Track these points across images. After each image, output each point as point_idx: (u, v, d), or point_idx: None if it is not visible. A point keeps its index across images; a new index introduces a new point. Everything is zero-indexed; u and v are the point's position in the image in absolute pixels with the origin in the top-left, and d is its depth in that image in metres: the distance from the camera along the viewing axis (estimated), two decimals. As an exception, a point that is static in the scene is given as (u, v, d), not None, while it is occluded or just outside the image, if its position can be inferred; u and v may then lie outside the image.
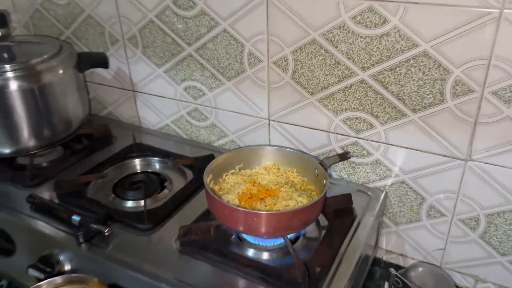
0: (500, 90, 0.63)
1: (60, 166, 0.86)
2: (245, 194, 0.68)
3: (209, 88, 0.89)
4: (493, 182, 0.70)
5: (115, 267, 0.63)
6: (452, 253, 0.80)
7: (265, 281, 0.60)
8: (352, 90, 0.74)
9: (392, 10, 0.65)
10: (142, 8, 0.87)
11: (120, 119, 1.06)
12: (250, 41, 0.79)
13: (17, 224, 0.72)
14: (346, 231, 0.70)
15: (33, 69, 0.81)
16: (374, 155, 0.78)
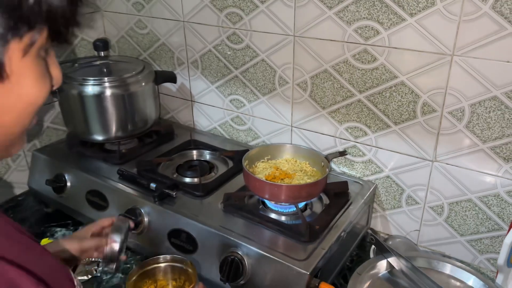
0: (454, 110, 0.89)
1: (136, 152, 1.17)
2: (270, 175, 0.97)
3: (248, 101, 1.19)
4: (452, 178, 0.95)
5: (179, 217, 0.92)
6: (425, 233, 1.04)
7: (281, 232, 0.88)
8: (352, 106, 1.02)
9: (380, 52, 0.93)
10: (204, 40, 1.19)
11: (179, 122, 1.38)
12: (280, 68, 1.09)
13: (110, 188, 1.03)
14: (341, 207, 0.96)
15: (124, 81, 1.13)
16: (367, 155, 1.05)
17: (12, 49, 0.36)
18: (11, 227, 0.47)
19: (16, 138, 0.43)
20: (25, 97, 0.40)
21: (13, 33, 0.35)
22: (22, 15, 0.35)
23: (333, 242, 0.86)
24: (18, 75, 0.38)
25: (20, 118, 0.41)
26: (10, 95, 0.38)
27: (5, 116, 0.39)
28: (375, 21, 0.90)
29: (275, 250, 0.83)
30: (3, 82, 0.37)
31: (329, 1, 0.94)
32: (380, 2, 0.88)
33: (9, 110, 0.39)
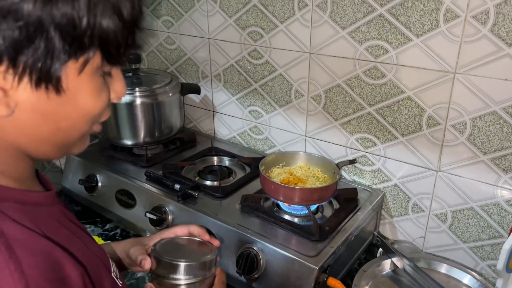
0: (456, 124, 0.97)
1: (162, 156, 1.27)
2: (284, 180, 1.05)
3: (266, 112, 1.28)
4: (455, 187, 1.01)
5: (200, 215, 1.01)
6: (430, 240, 1.10)
7: (293, 231, 0.95)
8: (362, 119, 1.10)
9: (389, 69, 1.01)
10: (227, 56, 1.29)
11: (201, 130, 1.47)
12: (296, 82, 1.18)
13: (138, 188, 1.13)
14: (349, 212, 1.03)
15: (153, 92, 1.24)
16: (376, 165, 1.12)
17: (69, 68, 0.41)
18: (62, 215, 0.53)
19: (75, 141, 0.49)
20: (80, 108, 0.45)
21: (69, 55, 0.40)
22: (76, 38, 0.40)
23: (341, 242, 0.93)
24: (74, 90, 0.43)
25: (76, 125, 0.47)
26: (66, 106, 0.44)
27: (62, 122, 0.45)
28: (384, 41, 0.99)
29: (288, 247, 0.90)
30: (60, 95, 0.42)
31: (343, 22, 1.03)
32: (389, 24, 0.97)
33: (65, 117, 0.45)
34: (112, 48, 0.43)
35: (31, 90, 0.41)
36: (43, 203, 0.50)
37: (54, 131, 0.46)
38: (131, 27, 0.44)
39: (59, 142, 0.48)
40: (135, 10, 0.44)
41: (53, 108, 0.43)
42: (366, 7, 0.99)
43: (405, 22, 0.95)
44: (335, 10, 1.03)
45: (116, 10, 0.41)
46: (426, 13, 0.91)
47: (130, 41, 0.45)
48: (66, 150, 0.50)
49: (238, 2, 1.20)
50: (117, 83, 0.50)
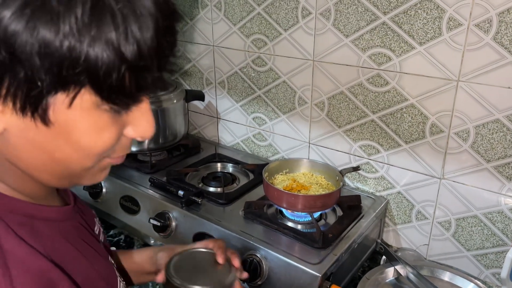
0: (459, 131, 0.97)
1: (166, 163, 1.27)
2: (287, 186, 1.05)
3: (270, 119, 1.29)
4: (458, 195, 1.01)
5: (204, 222, 1.01)
6: (434, 248, 1.10)
7: (296, 238, 0.95)
8: (366, 126, 1.10)
9: (392, 76, 1.02)
10: (231, 63, 1.30)
11: (205, 137, 1.48)
12: (300, 89, 1.18)
13: (142, 194, 1.13)
14: (353, 219, 1.03)
15: (158, 99, 1.25)
16: (380, 172, 1.13)
17: (57, 99, 0.38)
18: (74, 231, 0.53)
19: (80, 173, 0.45)
20: (74, 144, 0.41)
21: (52, 85, 0.36)
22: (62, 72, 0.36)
23: (344, 250, 0.93)
24: (65, 124, 0.39)
25: (73, 159, 0.43)
26: (57, 138, 0.40)
27: (56, 153, 0.42)
28: (387, 49, 1.00)
29: (291, 254, 0.90)
30: (48, 126, 0.39)
31: (346, 30, 1.04)
32: (392, 32, 0.97)
33: (58, 149, 0.41)
34: (105, 86, 0.37)
35: (17, 116, 0.38)
36: (53, 218, 0.50)
37: (49, 161, 0.43)
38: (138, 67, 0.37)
39: (59, 173, 0.45)
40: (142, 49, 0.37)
41: (43, 138, 0.40)
42: (369, 15, 0.99)
43: (408, 30, 0.95)
44: (338, 18, 1.04)
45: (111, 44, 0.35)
46: (429, 21, 0.92)
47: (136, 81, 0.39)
48: (72, 181, 0.47)
49: (242, 10, 1.21)
50: (140, 120, 0.44)
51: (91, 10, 0.34)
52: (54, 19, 0.34)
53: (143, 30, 0.37)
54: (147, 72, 0.39)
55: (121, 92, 0.39)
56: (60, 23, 0.34)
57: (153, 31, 0.37)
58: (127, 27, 0.36)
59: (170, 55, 0.41)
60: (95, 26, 0.35)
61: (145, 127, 0.45)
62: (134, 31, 0.36)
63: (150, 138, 0.46)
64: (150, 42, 0.37)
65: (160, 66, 0.40)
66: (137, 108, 0.43)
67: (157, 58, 0.39)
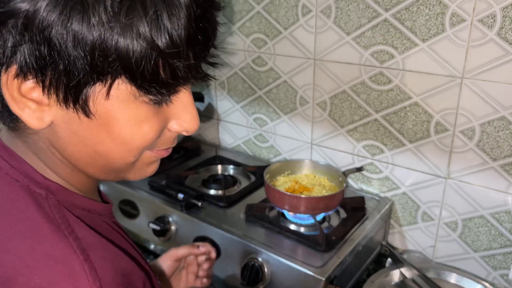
0: (465, 130, 0.94)
1: (165, 166, 1.26)
2: (289, 188, 1.03)
3: (271, 120, 1.27)
4: (465, 195, 0.99)
5: (204, 225, 0.99)
6: (440, 249, 1.07)
7: (299, 241, 0.93)
8: (369, 125, 1.08)
9: (395, 74, 1.00)
10: (231, 64, 1.28)
11: (205, 139, 1.46)
12: (301, 89, 1.16)
13: (141, 198, 1.12)
14: (357, 221, 1.01)
15: (157, 100, 1.23)
16: (384, 172, 1.10)
17: (97, 91, 0.39)
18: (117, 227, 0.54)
19: (124, 167, 0.46)
20: (115, 136, 0.42)
21: (89, 76, 0.37)
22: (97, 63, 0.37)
23: (348, 252, 0.91)
24: (105, 116, 0.40)
25: (115, 152, 0.43)
26: (99, 131, 0.41)
27: (98, 147, 0.43)
28: (389, 46, 0.97)
29: (293, 258, 0.88)
30: (90, 118, 0.40)
31: (347, 28, 1.02)
32: (394, 29, 0.95)
33: (100, 142, 0.42)
34: (139, 75, 0.38)
35: (61, 108, 0.40)
36: (104, 213, 0.52)
37: (92, 154, 0.44)
38: (170, 55, 0.38)
39: (103, 166, 0.45)
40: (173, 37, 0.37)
41: (86, 131, 0.41)
42: (370, 12, 0.97)
43: (410, 26, 0.93)
44: (339, 16, 1.02)
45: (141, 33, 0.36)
46: (432, 17, 0.90)
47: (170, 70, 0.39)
48: (118, 175, 0.48)
49: (241, 9, 1.19)
50: (183, 114, 0.45)
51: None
52: (85, 9, 0.35)
53: (174, 18, 0.37)
54: (180, 60, 0.38)
55: (155, 81, 0.39)
56: (90, 13, 0.35)
57: (185, 19, 0.37)
58: (158, 16, 0.36)
59: (207, 44, 0.41)
60: (124, 15, 0.35)
61: (188, 120, 0.45)
62: (165, 19, 0.36)
63: (194, 131, 0.46)
64: (181, 30, 0.37)
65: (196, 55, 0.40)
66: (178, 100, 0.43)
67: (190, 46, 0.39)
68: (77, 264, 0.39)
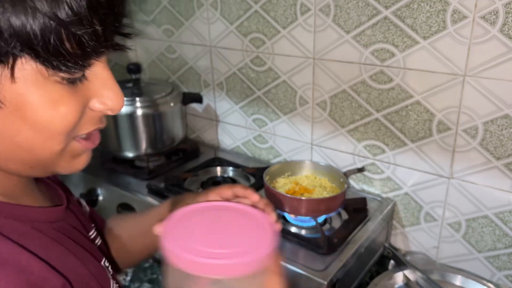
0: (467, 128, 0.93)
1: (164, 168, 1.24)
2: (290, 190, 1.01)
3: (270, 120, 1.25)
4: (468, 195, 0.97)
5: (204, 229, 0.97)
6: (444, 250, 1.05)
7: (300, 244, 0.91)
8: (370, 125, 1.06)
9: (395, 73, 0.98)
10: (229, 64, 1.26)
11: (204, 140, 1.44)
12: (301, 89, 1.15)
13: (139, 201, 1.10)
14: (359, 223, 0.99)
15: (154, 102, 1.21)
16: (386, 172, 1.08)
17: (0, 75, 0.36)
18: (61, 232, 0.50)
19: (51, 159, 0.43)
20: (32, 123, 0.39)
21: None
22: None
23: (350, 255, 0.89)
24: (15, 102, 0.37)
25: (36, 142, 0.40)
26: (12, 120, 0.38)
27: (16, 138, 0.39)
28: (390, 44, 0.96)
29: (294, 261, 0.87)
30: (1, 108, 0.37)
31: (347, 26, 1.00)
32: (394, 26, 0.94)
33: (17, 133, 0.39)
34: (41, 51, 0.35)
35: None
36: (39, 219, 0.47)
37: (12, 147, 0.40)
38: (71, 24, 0.35)
39: (27, 160, 0.42)
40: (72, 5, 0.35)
41: (0, 123, 0.38)
42: (370, 10, 0.96)
43: (411, 24, 0.91)
44: (338, 14, 1.00)
45: (35, 5, 0.34)
46: (433, 14, 0.88)
47: (76, 42, 0.36)
48: (45, 169, 0.45)
49: (239, 8, 1.17)
50: (103, 91, 0.42)
51: None
52: None
53: None
54: (84, 28, 0.36)
55: (61, 55, 0.36)
56: None
57: None
58: None
59: (113, 9, 0.38)
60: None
61: (111, 97, 0.42)
62: None
63: (120, 109, 0.43)
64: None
65: (102, 22, 0.37)
66: (96, 77, 0.41)
67: (93, 12, 0.36)
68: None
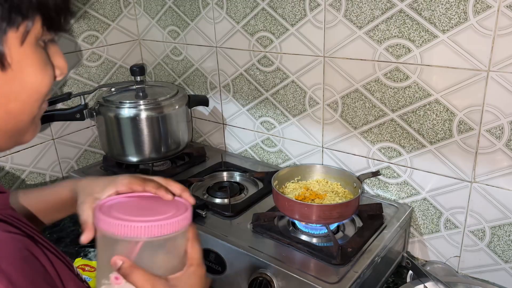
0: (492, 128, 0.86)
1: (169, 173, 1.19)
2: (300, 195, 0.95)
3: (279, 123, 1.19)
4: (493, 200, 0.90)
5: (208, 237, 0.92)
6: (466, 260, 0.98)
7: (311, 254, 0.85)
8: (385, 126, 1.00)
9: (412, 70, 0.92)
10: (236, 65, 1.21)
11: (211, 144, 1.39)
12: (310, 89, 1.09)
13: (143, 208, 1.05)
14: (374, 230, 0.93)
15: (159, 104, 1.17)
16: (402, 177, 1.02)
17: (10, 38, 0.38)
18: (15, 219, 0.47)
19: (26, 126, 0.45)
20: (28, 85, 0.41)
21: (8, 23, 0.37)
22: (14, 5, 0.37)
23: (366, 265, 0.83)
24: (19, 63, 0.40)
25: (26, 106, 0.43)
26: (14, 83, 0.40)
27: (11, 104, 0.41)
28: (406, 39, 0.90)
29: (305, 272, 0.80)
30: (5, 71, 0.39)
31: (359, 21, 0.94)
32: (410, 20, 0.88)
33: (14, 97, 0.41)
34: (52, 13, 0.40)
35: None
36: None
37: (4, 114, 0.41)
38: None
39: (10, 129, 0.43)
40: None
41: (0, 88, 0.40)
42: (384, 3, 0.90)
43: (429, 17, 0.85)
44: (350, 9, 0.94)
45: None
46: (453, 5, 0.82)
47: (69, 4, 0.42)
48: (18, 138, 0.46)
49: (245, 6, 1.12)
50: (57, 57, 0.45)
51: None
52: None
53: None
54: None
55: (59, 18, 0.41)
56: None
57: None
58: None
59: None
60: None
61: (63, 62, 0.46)
62: None
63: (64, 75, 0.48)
64: None
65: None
66: (52, 47, 0.45)
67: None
68: None
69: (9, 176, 1.18)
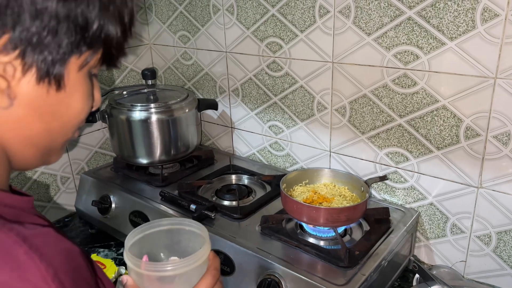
0: (499, 135, 0.87)
1: (178, 175, 1.21)
2: (308, 199, 0.96)
3: (287, 127, 1.21)
4: (499, 206, 0.91)
5: (217, 238, 0.93)
6: (472, 264, 0.99)
7: (319, 256, 0.86)
8: (392, 131, 1.01)
9: (420, 76, 0.93)
10: (245, 69, 1.23)
11: (219, 148, 1.41)
12: (319, 94, 1.10)
13: (153, 209, 1.06)
14: (381, 234, 0.94)
15: (169, 108, 1.19)
16: (410, 181, 1.03)
17: (71, 63, 0.42)
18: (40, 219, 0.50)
19: (58, 147, 0.49)
20: (73, 109, 0.45)
21: (76, 50, 0.41)
22: (86, 36, 0.41)
23: (373, 269, 0.84)
24: (72, 88, 0.43)
25: (64, 128, 0.46)
26: (62, 104, 0.44)
27: (54, 122, 0.45)
28: (414, 46, 0.91)
29: (313, 274, 0.82)
30: (59, 91, 0.42)
31: (368, 28, 0.96)
32: (419, 27, 0.89)
33: (59, 117, 0.45)
34: (113, 50, 0.44)
35: (33, 84, 0.41)
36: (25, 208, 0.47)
37: (44, 132, 0.45)
38: (128, 32, 0.46)
39: (43, 147, 0.47)
40: (133, 16, 0.45)
41: (49, 106, 0.43)
42: (393, 11, 0.91)
43: (437, 24, 0.87)
44: (359, 16, 0.96)
45: (120, 15, 0.43)
46: (461, 13, 0.83)
47: (125, 46, 0.47)
48: (46, 158, 0.49)
49: (255, 12, 1.14)
50: (96, 90, 0.49)
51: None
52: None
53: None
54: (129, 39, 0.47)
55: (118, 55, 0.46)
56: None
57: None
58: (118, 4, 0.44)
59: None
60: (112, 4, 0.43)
61: (99, 96, 0.50)
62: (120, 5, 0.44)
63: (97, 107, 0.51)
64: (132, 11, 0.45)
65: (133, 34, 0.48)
66: (94, 81, 0.48)
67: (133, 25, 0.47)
68: (22, 254, 0.37)
69: (21, 177, 1.20)
